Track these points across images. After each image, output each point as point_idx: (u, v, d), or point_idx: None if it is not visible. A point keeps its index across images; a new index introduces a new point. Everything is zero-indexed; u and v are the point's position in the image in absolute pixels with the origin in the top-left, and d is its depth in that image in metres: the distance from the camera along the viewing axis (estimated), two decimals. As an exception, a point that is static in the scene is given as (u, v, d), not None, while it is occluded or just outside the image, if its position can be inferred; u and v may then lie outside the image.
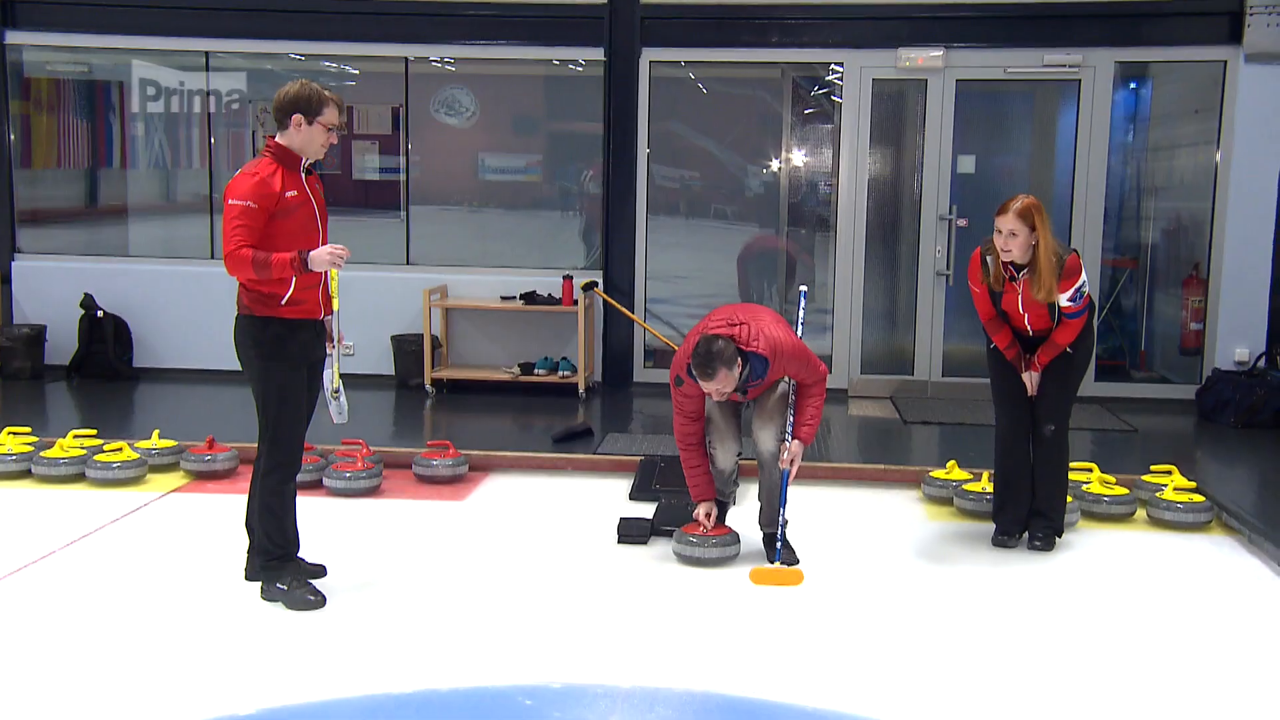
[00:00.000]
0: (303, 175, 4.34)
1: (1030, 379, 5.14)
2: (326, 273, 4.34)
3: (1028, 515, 5.26)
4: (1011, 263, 4.92)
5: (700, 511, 4.96)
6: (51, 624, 4.18)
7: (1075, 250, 5.01)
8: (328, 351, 4.53)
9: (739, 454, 5.08)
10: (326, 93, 4.33)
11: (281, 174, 4.25)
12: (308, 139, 4.29)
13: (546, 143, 9.13)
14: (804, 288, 5.39)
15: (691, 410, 4.86)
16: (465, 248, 8.98)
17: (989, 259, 5.03)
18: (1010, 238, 4.83)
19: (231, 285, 4.34)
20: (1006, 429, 5.28)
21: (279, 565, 4.40)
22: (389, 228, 8.96)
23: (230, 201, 4.16)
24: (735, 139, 9.01)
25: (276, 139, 4.32)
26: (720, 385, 4.58)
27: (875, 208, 8.57)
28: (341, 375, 4.60)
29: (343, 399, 4.60)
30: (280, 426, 4.35)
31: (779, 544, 4.92)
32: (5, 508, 5.63)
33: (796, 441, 4.86)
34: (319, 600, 4.36)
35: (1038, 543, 5.20)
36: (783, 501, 4.93)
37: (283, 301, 4.26)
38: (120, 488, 5.92)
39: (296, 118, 4.27)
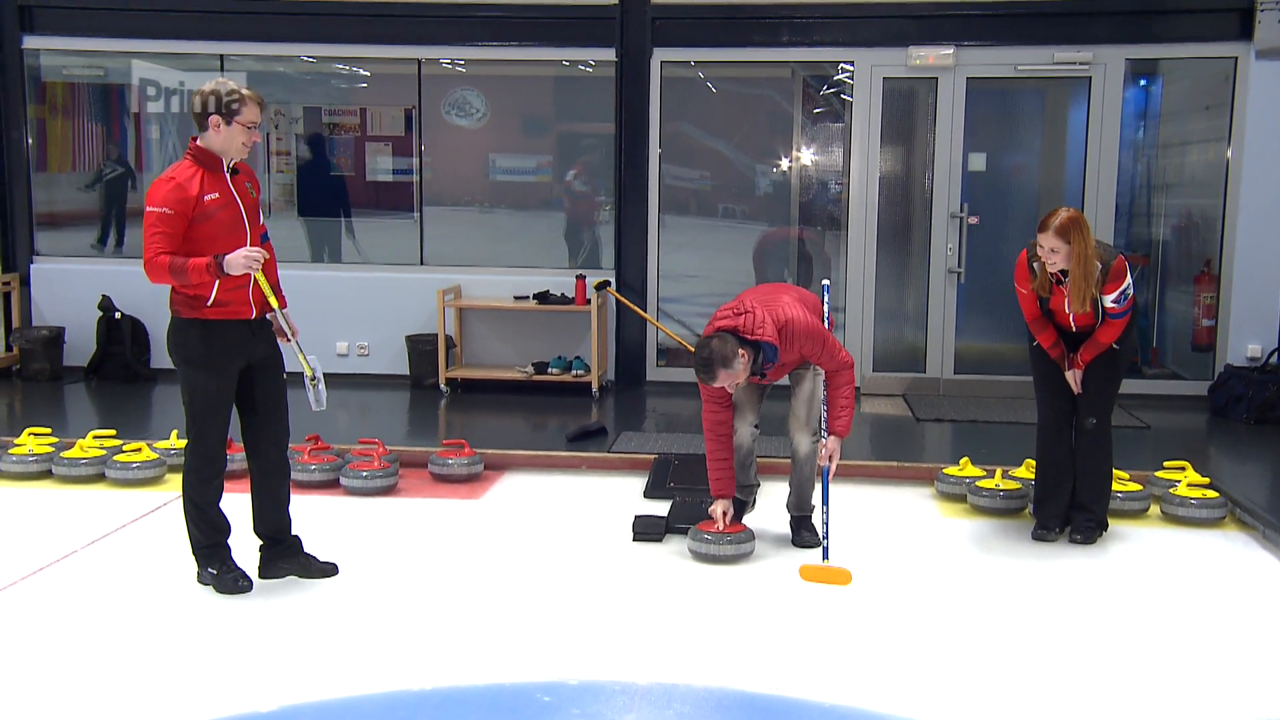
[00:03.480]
0: (227, 176, 4.33)
1: (1074, 377, 5.17)
2: (252, 275, 4.31)
3: (1069, 509, 5.29)
4: (1057, 271, 4.97)
5: (717, 509, 4.99)
6: (74, 622, 4.23)
7: (1121, 254, 5.04)
8: (285, 345, 4.55)
9: (756, 425, 5.13)
10: (245, 91, 4.30)
11: (201, 176, 4.24)
12: (227, 140, 4.27)
13: (557, 143, 9.16)
14: (826, 282, 5.40)
15: (720, 396, 4.87)
16: (478, 248, 9.03)
17: (1035, 265, 5.06)
18: (1051, 253, 4.89)
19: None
20: (1048, 421, 5.31)
21: (209, 552, 4.51)
22: (403, 228, 9.02)
23: (147, 208, 4.17)
24: (746, 138, 9.04)
25: (197, 141, 4.31)
26: (726, 383, 4.65)
27: (886, 206, 8.59)
28: (313, 366, 4.58)
29: (321, 386, 4.61)
30: (201, 431, 4.40)
31: (823, 534, 4.94)
32: (27, 508, 5.69)
33: (833, 438, 4.86)
34: (247, 585, 4.49)
35: (1079, 536, 5.23)
36: (825, 500, 4.95)
37: (208, 303, 4.28)
38: (139, 488, 5.98)
39: (214, 119, 4.24)
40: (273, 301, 4.45)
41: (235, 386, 4.44)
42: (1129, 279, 4.98)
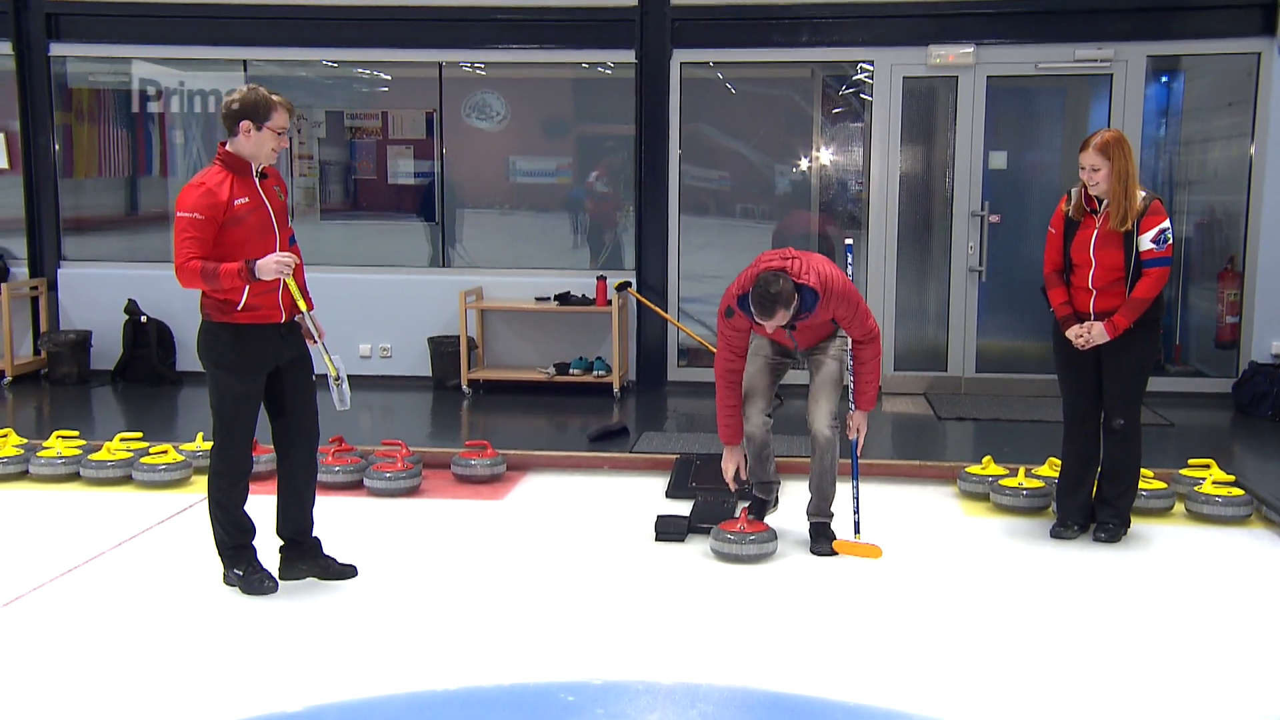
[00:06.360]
0: (256, 180, 4.37)
1: (1087, 328, 5.02)
2: (282, 279, 4.36)
3: (1092, 505, 5.28)
4: (1097, 196, 4.95)
5: (728, 466, 5.01)
6: (102, 623, 4.28)
7: (1159, 197, 5.04)
8: (311, 346, 4.59)
9: (769, 415, 5.15)
10: (275, 97, 4.34)
11: (231, 182, 4.28)
12: (257, 145, 4.31)
13: (576, 145, 9.20)
14: (849, 241, 5.43)
15: (739, 345, 4.90)
16: (499, 250, 9.07)
17: (1074, 190, 5.08)
18: (1093, 172, 4.89)
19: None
20: (1070, 417, 5.30)
21: (235, 553, 4.55)
22: (424, 231, 9.08)
23: (178, 214, 4.21)
24: (766, 138, 9.04)
25: (226, 146, 4.34)
26: (777, 323, 4.68)
27: (907, 205, 8.59)
28: (337, 366, 4.60)
29: (345, 386, 4.64)
30: (229, 433, 4.45)
31: (854, 509, 5.10)
32: (55, 510, 5.75)
33: (859, 412, 4.98)
34: (272, 585, 4.53)
35: (1103, 535, 5.21)
36: (855, 474, 5.09)
37: (238, 307, 4.32)
38: (166, 489, 6.04)
39: (245, 124, 4.28)
40: (301, 305, 4.49)
41: (264, 390, 4.49)
42: (1169, 221, 4.94)
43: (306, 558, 4.69)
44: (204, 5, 8.82)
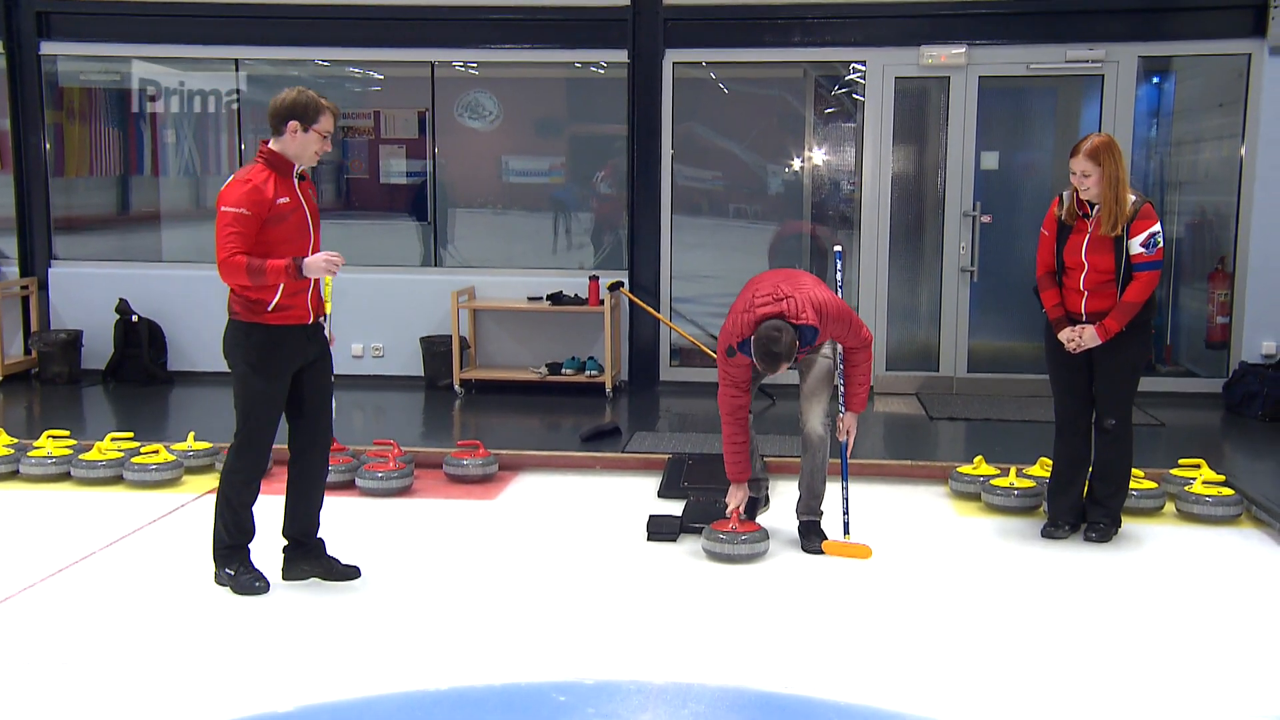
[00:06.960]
0: (295, 181, 4.39)
1: (1079, 332, 5.04)
2: (319, 278, 4.40)
3: (1084, 505, 5.29)
4: (1088, 201, 4.96)
5: (733, 501, 5.01)
6: (92, 623, 4.27)
7: (1149, 201, 5.05)
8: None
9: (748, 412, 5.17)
10: (323, 100, 4.36)
11: (274, 180, 4.30)
12: (302, 146, 4.33)
13: (569, 145, 9.19)
14: (839, 248, 5.47)
15: (741, 380, 4.93)
16: (492, 250, 9.07)
17: (1066, 194, 5.10)
18: (1083, 177, 4.91)
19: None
20: (1062, 418, 5.32)
21: (229, 553, 4.54)
22: (417, 231, 9.06)
23: (223, 208, 4.22)
24: (758, 138, 9.05)
25: (270, 145, 4.35)
26: (781, 370, 4.72)
27: (899, 205, 8.60)
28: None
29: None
30: (251, 434, 4.45)
31: (844, 510, 5.12)
32: (46, 510, 5.74)
33: (850, 414, 5.02)
34: (263, 586, 4.51)
35: (1094, 535, 5.22)
36: (844, 475, 5.12)
37: (269, 308, 4.32)
38: (157, 489, 6.02)
39: (293, 124, 4.30)
40: (328, 307, 4.53)
41: (288, 390, 4.49)
42: (1159, 225, 4.96)
43: (310, 558, 4.68)
44: (195, 4, 8.81)
